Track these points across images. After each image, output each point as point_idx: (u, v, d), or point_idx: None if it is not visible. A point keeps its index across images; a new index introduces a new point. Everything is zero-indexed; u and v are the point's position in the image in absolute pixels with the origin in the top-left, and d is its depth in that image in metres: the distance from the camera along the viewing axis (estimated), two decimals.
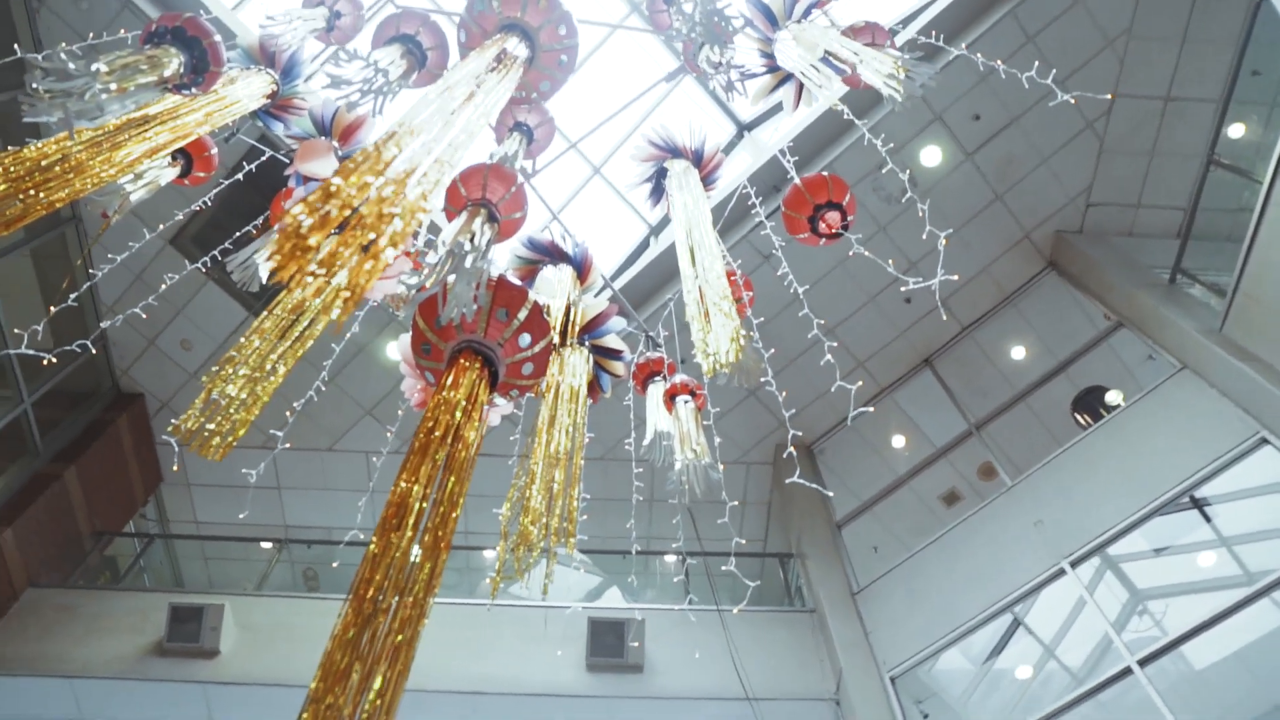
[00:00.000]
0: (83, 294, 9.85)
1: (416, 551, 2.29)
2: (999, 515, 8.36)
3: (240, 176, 5.23)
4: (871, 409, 5.32)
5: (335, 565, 10.96)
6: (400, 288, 3.58)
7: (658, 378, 4.98)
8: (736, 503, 11.24)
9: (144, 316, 4.15)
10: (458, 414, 2.88)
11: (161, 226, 5.16)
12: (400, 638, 2.23)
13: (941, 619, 7.99)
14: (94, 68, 2.29)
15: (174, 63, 2.84)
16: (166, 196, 5.63)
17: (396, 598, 2.27)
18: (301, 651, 8.40)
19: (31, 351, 3.80)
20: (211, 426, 2.50)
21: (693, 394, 4.59)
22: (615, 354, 4.43)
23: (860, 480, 10.44)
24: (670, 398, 4.60)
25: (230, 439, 2.52)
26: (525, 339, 3.22)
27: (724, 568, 4.40)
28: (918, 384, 10.37)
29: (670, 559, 10.61)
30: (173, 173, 4.40)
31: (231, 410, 2.51)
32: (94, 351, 4.88)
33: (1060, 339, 9.68)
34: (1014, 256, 9.77)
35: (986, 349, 10.16)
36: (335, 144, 4.26)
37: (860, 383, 5.08)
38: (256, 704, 8.05)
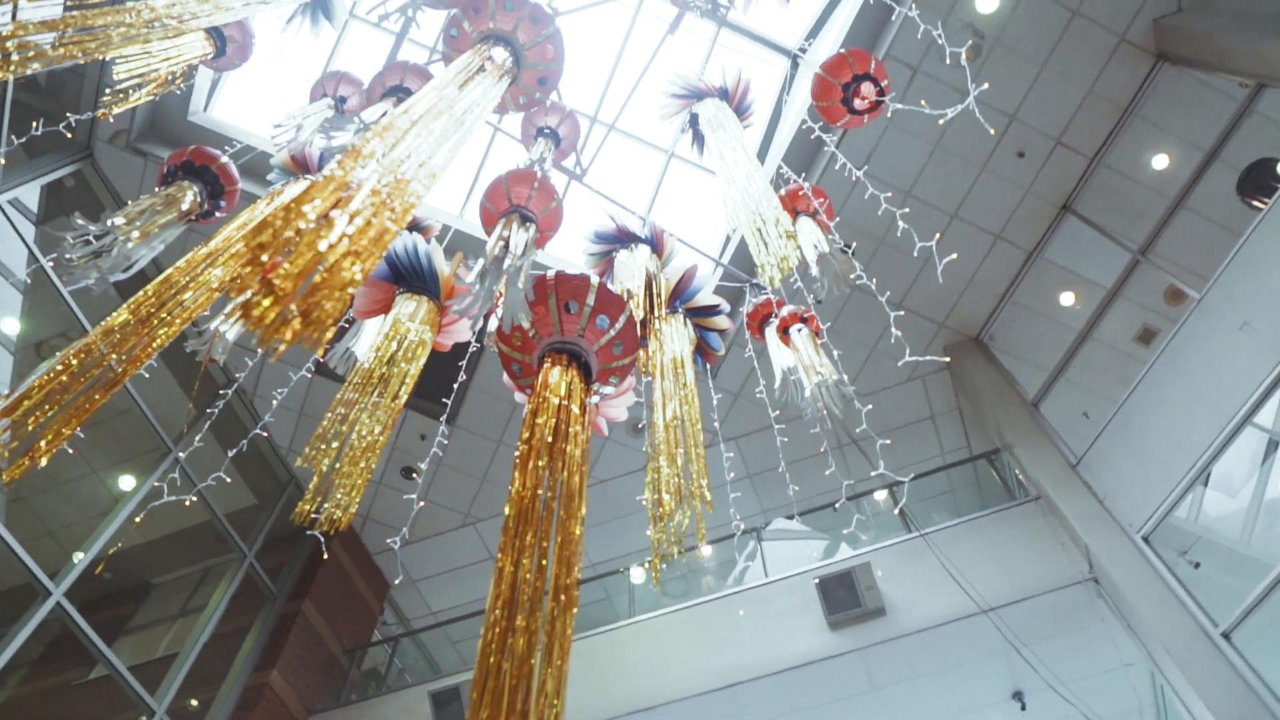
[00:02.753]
0: (264, 445, 10.65)
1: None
2: (1200, 332, 7.62)
3: None
4: (955, 256, 4.96)
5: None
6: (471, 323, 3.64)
7: (771, 319, 4.85)
8: (926, 417, 10.85)
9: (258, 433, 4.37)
10: (550, 415, 2.87)
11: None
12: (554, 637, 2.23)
13: (1175, 459, 7.35)
14: (110, 222, 2.44)
15: (189, 195, 2.99)
16: None
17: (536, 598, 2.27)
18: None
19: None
20: (327, 503, 2.59)
21: (804, 320, 4.44)
22: (712, 310, 4.34)
23: (1042, 352, 9.80)
24: (783, 331, 4.46)
25: (350, 507, 2.60)
26: (603, 321, 3.18)
27: (871, 471, 4.16)
28: (1065, 234, 9.65)
29: (880, 495, 10.30)
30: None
31: (342, 481, 2.59)
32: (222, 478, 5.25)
33: (1200, 129, 8.78)
34: (1117, 66, 8.95)
35: (1124, 170, 9.35)
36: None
37: (939, 235, 4.76)
38: None
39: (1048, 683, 7.31)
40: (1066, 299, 10.00)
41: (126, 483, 9.88)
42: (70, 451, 3.33)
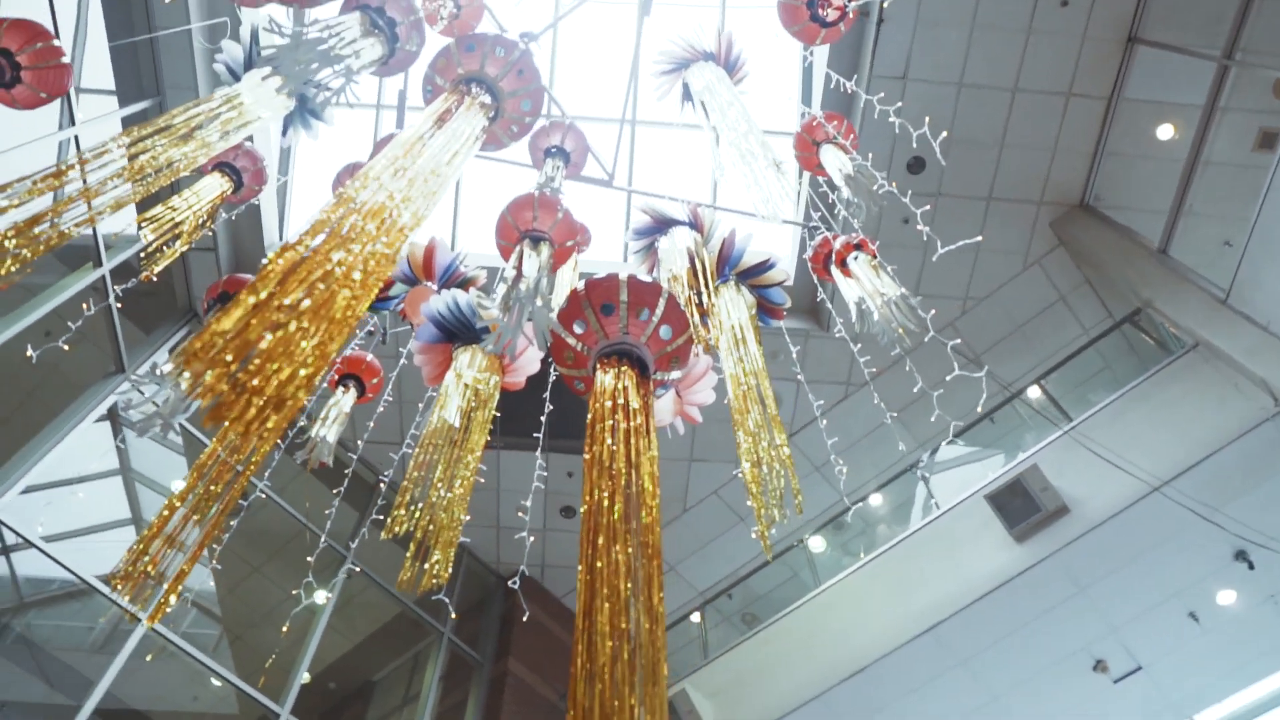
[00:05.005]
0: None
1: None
2: None
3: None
4: (946, 134, 4.59)
5: (763, 594, 11.29)
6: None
7: (831, 257, 4.73)
8: (1056, 300, 10.30)
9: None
10: (607, 419, 2.88)
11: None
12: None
13: None
14: (157, 371, 2.62)
15: None
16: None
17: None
18: (773, 680, 8.63)
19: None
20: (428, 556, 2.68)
21: (859, 248, 4.31)
22: (763, 267, 4.26)
23: (1155, 195, 9.12)
24: (842, 263, 4.34)
25: (448, 560, 2.68)
26: (644, 313, 3.18)
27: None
28: (1140, 67, 8.98)
29: (1034, 393, 9.83)
30: (351, 397, 4.83)
31: (435, 538, 2.68)
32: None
33: None
34: None
35: None
36: (429, 284, 4.50)
37: (929, 120, 4.46)
38: None
39: (1253, 542, 6.78)
40: (1164, 132, 9.30)
41: (320, 596, 10.48)
42: (210, 570, 3.54)
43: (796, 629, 9.01)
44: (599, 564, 2.21)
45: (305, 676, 9.73)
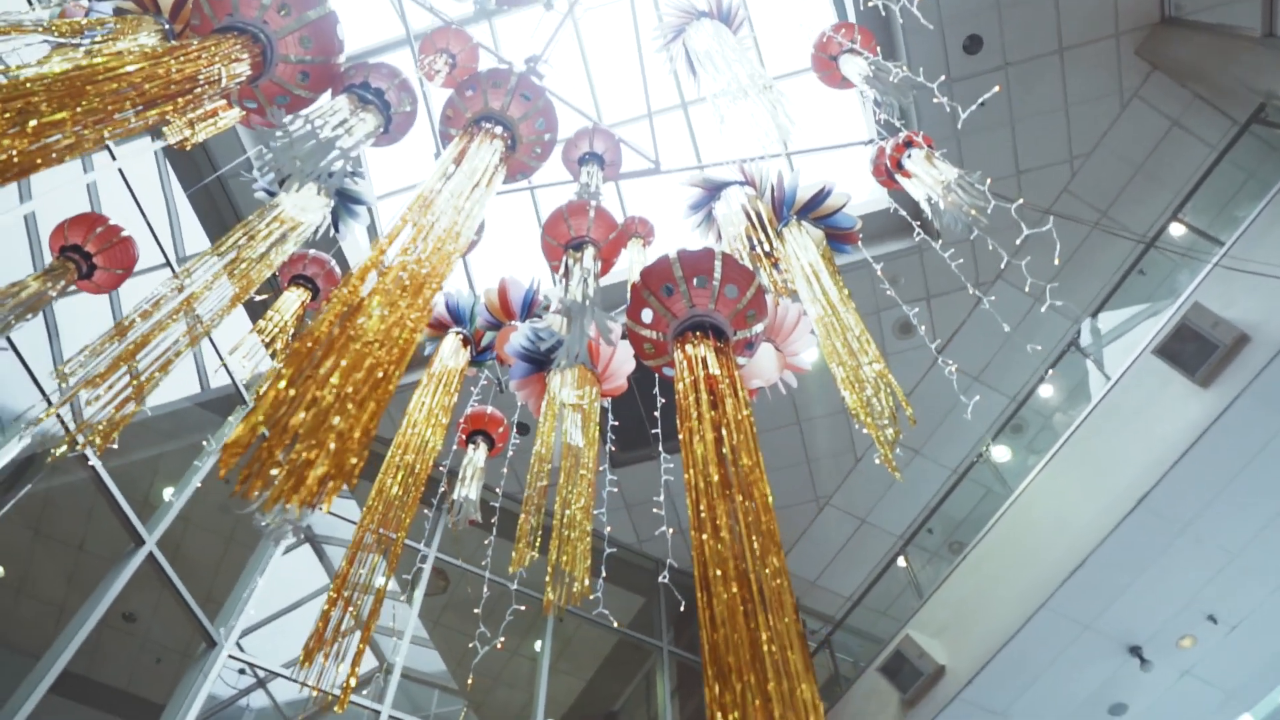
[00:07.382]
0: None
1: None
2: None
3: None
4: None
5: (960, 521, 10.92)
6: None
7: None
8: (1169, 127, 9.59)
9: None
10: (693, 391, 2.89)
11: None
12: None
13: None
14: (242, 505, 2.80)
15: None
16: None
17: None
18: (994, 601, 8.28)
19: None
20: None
21: (910, 144, 4.15)
22: (820, 198, 4.16)
23: None
24: (898, 165, 4.19)
25: (584, 572, 2.73)
26: (701, 280, 3.18)
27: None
28: None
29: (1177, 231, 9.14)
30: (483, 452, 4.99)
31: (567, 560, 2.73)
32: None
33: None
34: None
35: None
36: (513, 322, 4.61)
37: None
38: (1006, 668, 8.00)
39: None
40: None
41: (536, 645, 10.85)
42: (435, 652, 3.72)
43: (1004, 543, 8.65)
44: (705, 535, 2.21)
45: None
